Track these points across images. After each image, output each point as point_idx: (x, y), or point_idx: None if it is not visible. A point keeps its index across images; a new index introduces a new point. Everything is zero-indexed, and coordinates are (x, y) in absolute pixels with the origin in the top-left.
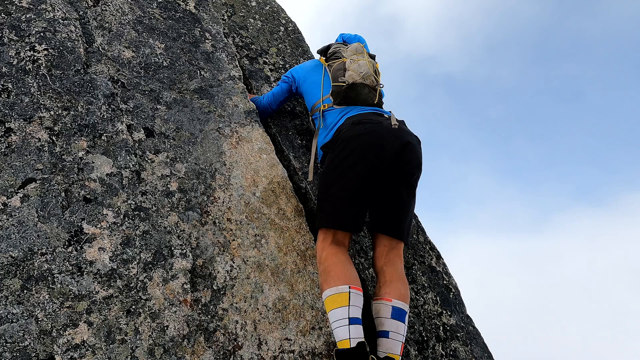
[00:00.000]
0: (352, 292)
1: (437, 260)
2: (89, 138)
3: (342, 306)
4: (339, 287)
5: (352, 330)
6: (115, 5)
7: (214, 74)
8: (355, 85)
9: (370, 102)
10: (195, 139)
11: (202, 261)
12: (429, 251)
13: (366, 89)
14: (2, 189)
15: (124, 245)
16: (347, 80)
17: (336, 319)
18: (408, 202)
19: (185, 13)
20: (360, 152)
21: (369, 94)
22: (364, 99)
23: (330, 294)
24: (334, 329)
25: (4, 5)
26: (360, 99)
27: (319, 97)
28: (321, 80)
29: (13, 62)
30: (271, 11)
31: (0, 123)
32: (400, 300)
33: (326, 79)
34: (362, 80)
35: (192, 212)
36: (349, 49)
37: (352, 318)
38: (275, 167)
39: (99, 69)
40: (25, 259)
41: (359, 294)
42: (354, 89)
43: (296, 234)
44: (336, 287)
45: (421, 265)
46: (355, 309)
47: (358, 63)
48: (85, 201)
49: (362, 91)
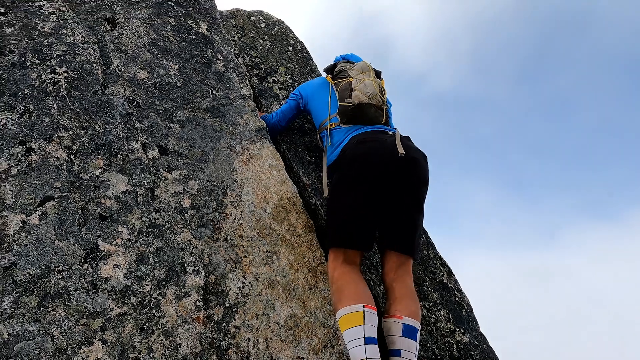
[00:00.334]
0: (367, 311)
1: (448, 277)
2: (106, 156)
3: (357, 325)
4: (353, 307)
5: (368, 350)
6: (132, 29)
7: (225, 93)
8: (361, 106)
9: (377, 122)
10: (208, 156)
11: (215, 278)
12: (439, 267)
13: (373, 108)
14: (22, 207)
15: (138, 262)
16: (354, 100)
17: (351, 339)
18: (416, 218)
19: (198, 35)
20: (364, 170)
21: (375, 114)
22: (371, 118)
23: (344, 314)
24: (350, 349)
25: (27, 31)
26: (367, 118)
27: (326, 116)
28: (328, 99)
29: (35, 85)
30: (280, 32)
31: (22, 143)
32: (411, 317)
33: (333, 98)
34: (368, 100)
35: (205, 229)
36: (355, 67)
37: (368, 337)
38: (286, 183)
39: (115, 90)
40: (43, 276)
41: (373, 313)
42: (360, 109)
43: (307, 250)
44: (350, 306)
45: (432, 281)
46: (370, 328)
47: (364, 83)
48: (101, 218)
49: (368, 111)
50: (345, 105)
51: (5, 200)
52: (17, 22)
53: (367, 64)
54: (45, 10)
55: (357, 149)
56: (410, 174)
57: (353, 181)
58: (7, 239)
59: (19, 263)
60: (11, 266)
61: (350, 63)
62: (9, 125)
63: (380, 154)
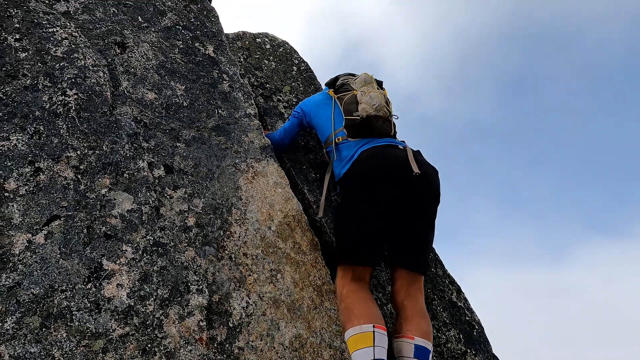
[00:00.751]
0: (377, 332)
1: (457, 295)
2: (112, 175)
3: (367, 347)
4: (363, 327)
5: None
6: (141, 52)
7: (230, 112)
8: (369, 118)
9: (385, 133)
10: (213, 174)
11: (218, 297)
12: (448, 285)
13: (380, 120)
14: (28, 227)
15: (142, 282)
16: (361, 114)
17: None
18: (427, 234)
19: (205, 57)
20: (375, 185)
21: (383, 126)
22: (379, 130)
23: (353, 334)
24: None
25: (40, 55)
26: (374, 131)
27: (331, 131)
28: (332, 114)
29: (46, 107)
30: (284, 52)
31: (31, 163)
32: (423, 337)
33: (337, 112)
34: (375, 113)
35: (209, 247)
36: (358, 80)
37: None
38: (290, 200)
39: (123, 111)
40: (46, 296)
41: (383, 334)
42: (368, 122)
43: (312, 268)
44: (360, 326)
45: (441, 300)
46: (380, 350)
47: (369, 95)
48: (106, 237)
49: (376, 123)
50: (352, 119)
51: (13, 220)
52: (31, 47)
53: (369, 75)
54: (58, 35)
55: (369, 163)
56: (423, 189)
57: (364, 196)
58: (12, 259)
59: (23, 283)
60: (15, 286)
61: (352, 75)
62: (19, 146)
63: (393, 170)
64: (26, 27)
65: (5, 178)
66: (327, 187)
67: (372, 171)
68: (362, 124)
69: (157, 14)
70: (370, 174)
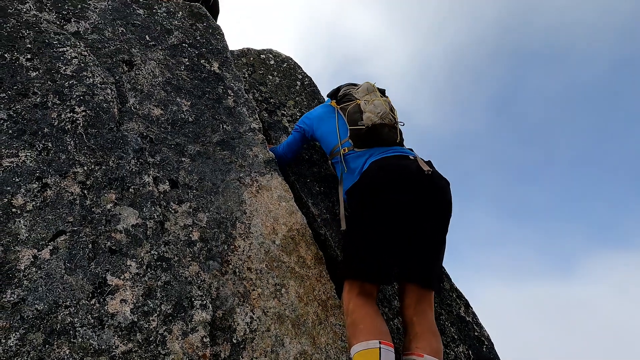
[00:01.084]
0: (383, 348)
1: (465, 310)
2: (118, 191)
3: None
4: (369, 343)
5: None
6: (148, 69)
7: (235, 127)
8: (375, 127)
9: (392, 141)
10: (217, 188)
11: (222, 313)
12: (456, 299)
13: (386, 128)
14: (34, 242)
15: (146, 297)
16: (366, 123)
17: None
18: (439, 248)
19: (210, 73)
20: (386, 199)
21: (389, 133)
22: (385, 138)
23: (359, 350)
24: None
25: (50, 74)
26: (381, 139)
27: (337, 142)
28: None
29: (54, 123)
30: (288, 68)
31: (38, 179)
32: (433, 355)
33: (341, 123)
34: (381, 121)
35: (213, 262)
36: (360, 89)
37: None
38: (295, 214)
39: (130, 127)
40: (50, 312)
41: (390, 350)
42: (374, 131)
43: (317, 282)
44: (366, 342)
45: (449, 315)
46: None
47: (373, 103)
48: (111, 252)
49: (382, 131)
50: (357, 129)
51: (19, 236)
52: (41, 67)
53: (371, 84)
54: (68, 55)
55: (379, 175)
56: (436, 202)
57: (374, 210)
58: (17, 274)
59: (27, 298)
60: (20, 302)
61: (353, 85)
62: (27, 163)
63: (404, 182)
64: (37, 47)
65: (13, 194)
66: (343, 199)
67: (383, 184)
68: (368, 133)
69: (164, 32)
70: (381, 186)
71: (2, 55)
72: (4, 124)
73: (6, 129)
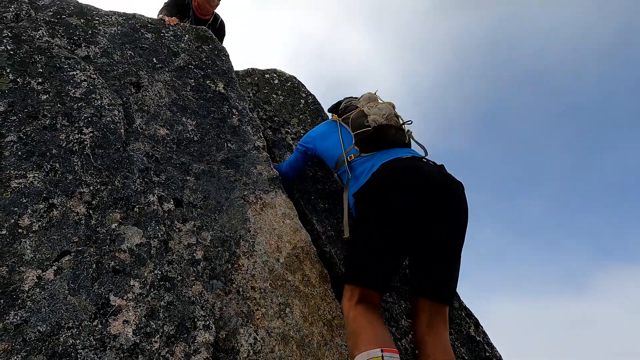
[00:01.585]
0: (386, 356)
1: (475, 329)
2: (123, 210)
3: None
4: (370, 352)
5: None
6: (155, 90)
7: (239, 145)
8: (381, 128)
9: (400, 143)
10: (221, 207)
11: (225, 333)
12: (465, 318)
13: (392, 129)
14: (39, 263)
15: (148, 318)
16: (372, 123)
17: None
18: (454, 259)
19: (215, 93)
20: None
21: (396, 135)
22: (392, 140)
23: None
24: None
25: (60, 97)
26: (388, 140)
27: (341, 152)
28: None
29: (62, 145)
30: (292, 87)
31: (45, 200)
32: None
33: (345, 134)
34: (386, 122)
35: (217, 281)
36: (362, 98)
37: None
38: (299, 231)
39: (136, 147)
40: (52, 333)
41: (394, 357)
42: (380, 132)
43: (322, 301)
44: (367, 351)
45: (459, 334)
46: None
47: (378, 107)
48: (114, 272)
49: (389, 132)
50: (363, 132)
51: (24, 256)
52: (51, 90)
53: (372, 93)
54: (77, 78)
55: (388, 177)
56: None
57: (381, 211)
58: (21, 295)
59: (30, 320)
60: (22, 323)
61: (354, 98)
62: (35, 184)
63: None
64: (49, 71)
65: (20, 215)
66: (348, 208)
67: (391, 185)
68: (374, 134)
69: (171, 55)
70: (388, 187)
71: (14, 79)
72: (13, 146)
73: (16, 151)
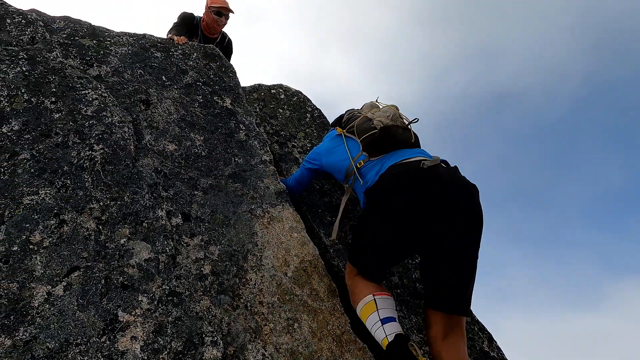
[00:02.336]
0: (377, 298)
1: (489, 344)
2: (132, 225)
3: (372, 312)
4: (365, 299)
5: (386, 328)
6: (164, 107)
7: (247, 159)
8: (387, 128)
9: (407, 142)
10: (229, 221)
11: (233, 349)
12: (478, 333)
13: (399, 129)
14: (49, 278)
15: (156, 334)
16: (377, 125)
17: (372, 325)
18: (469, 266)
19: (222, 109)
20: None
21: (404, 134)
22: (401, 140)
23: (360, 308)
24: (374, 334)
25: (72, 115)
26: (396, 141)
27: (350, 161)
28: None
29: (74, 161)
30: (298, 101)
31: (56, 216)
32: None
33: (351, 143)
34: (392, 122)
35: (224, 296)
36: (364, 107)
37: (384, 319)
38: (307, 245)
39: (145, 162)
40: (60, 350)
41: (385, 298)
42: (387, 132)
43: (330, 316)
44: (362, 300)
45: (472, 350)
46: (384, 311)
47: (381, 110)
48: (123, 287)
49: (396, 132)
50: (370, 135)
51: (35, 272)
52: (64, 109)
53: (375, 102)
54: (89, 96)
55: (394, 179)
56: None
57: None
58: (31, 312)
59: (39, 336)
60: (32, 340)
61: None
62: (46, 200)
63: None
64: (62, 90)
65: (31, 231)
66: (344, 209)
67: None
68: (381, 135)
69: (180, 72)
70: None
71: (28, 99)
72: (27, 163)
73: (28, 168)
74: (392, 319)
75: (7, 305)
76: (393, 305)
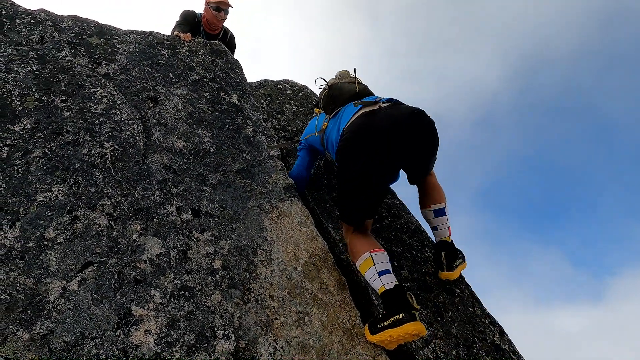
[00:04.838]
0: (373, 255)
1: (500, 337)
2: (143, 221)
3: (370, 267)
4: (362, 256)
5: (383, 279)
6: (172, 104)
7: (254, 155)
8: (334, 85)
9: (353, 92)
10: (238, 216)
11: (245, 343)
12: (489, 326)
13: (346, 84)
14: (64, 274)
15: (169, 327)
16: (326, 84)
17: (370, 277)
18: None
19: (230, 105)
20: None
21: (350, 86)
22: (348, 90)
23: (360, 264)
24: (371, 284)
25: (82, 113)
26: (344, 92)
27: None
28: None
29: (85, 159)
30: (304, 96)
31: (69, 212)
32: (437, 203)
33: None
34: (340, 80)
35: (235, 290)
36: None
37: (380, 271)
38: (316, 239)
39: (155, 159)
40: (77, 343)
41: (380, 253)
42: (334, 89)
43: (340, 309)
44: (360, 256)
45: (483, 343)
46: (381, 265)
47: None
48: (136, 282)
49: (343, 87)
50: (325, 97)
51: (50, 267)
52: (74, 107)
53: (346, 71)
54: (98, 95)
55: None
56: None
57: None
58: (47, 306)
59: (55, 330)
60: (48, 334)
61: None
62: (59, 197)
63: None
64: (71, 89)
65: (45, 227)
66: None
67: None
68: (329, 92)
69: (187, 69)
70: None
71: (39, 98)
72: (39, 161)
73: (41, 166)
74: (388, 271)
75: (24, 300)
76: (387, 259)
